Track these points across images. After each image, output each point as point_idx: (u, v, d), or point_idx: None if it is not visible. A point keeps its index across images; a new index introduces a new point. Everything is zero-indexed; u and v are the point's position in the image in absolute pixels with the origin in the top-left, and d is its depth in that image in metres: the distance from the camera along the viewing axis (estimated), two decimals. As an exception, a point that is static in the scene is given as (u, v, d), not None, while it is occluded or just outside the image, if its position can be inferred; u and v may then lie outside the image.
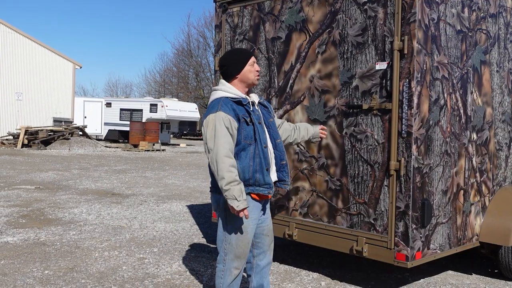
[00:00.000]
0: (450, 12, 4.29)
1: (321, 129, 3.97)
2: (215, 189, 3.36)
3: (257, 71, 3.45)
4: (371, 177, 4.23)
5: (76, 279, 4.67)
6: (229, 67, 3.40)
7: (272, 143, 3.46)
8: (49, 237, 6.24)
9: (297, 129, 3.89)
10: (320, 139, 4.00)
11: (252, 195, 3.35)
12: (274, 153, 3.46)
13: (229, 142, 3.23)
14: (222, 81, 3.45)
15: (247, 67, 3.40)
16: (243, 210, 3.19)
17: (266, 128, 3.45)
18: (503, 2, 4.89)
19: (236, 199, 3.16)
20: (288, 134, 3.87)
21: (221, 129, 3.20)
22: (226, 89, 3.38)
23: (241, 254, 3.39)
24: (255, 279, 3.59)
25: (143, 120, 29.31)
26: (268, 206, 3.58)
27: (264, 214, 3.52)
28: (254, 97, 3.48)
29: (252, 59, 3.44)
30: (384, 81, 4.14)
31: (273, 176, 3.47)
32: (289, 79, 4.85)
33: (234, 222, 3.34)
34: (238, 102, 3.33)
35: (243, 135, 3.29)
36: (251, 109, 3.35)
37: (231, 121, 3.23)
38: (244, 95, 3.39)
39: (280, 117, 4.91)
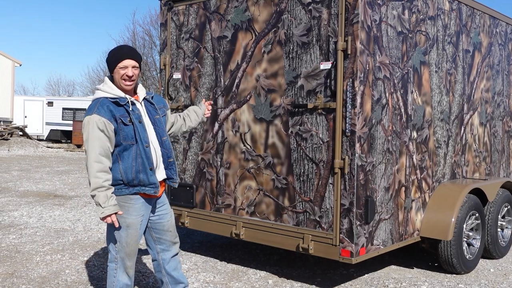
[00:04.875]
0: (392, 13, 4.40)
1: (209, 104, 3.93)
2: None
3: (128, 76, 3.28)
4: (316, 175, 4.29)
5: (16, 285, 4.51)
6: (107, 65, 3.37)
7: (158, 140, 3.43)
8: (-14, 241, 5.99)
9: (186, 116, 3.85)
10: (209, 113, 3.97)
11: (140, 194, 3.35)
12: (161, 151, 3.44)
13: (101, 146, 3.19)
14: (106, 78, 3.38)
15: (116, 69, 3.30)
16: (109, 216, 3.19)
17: (152, 125, 3.41)
18: (441, 5, 5.07)
19: (100, 205, 3.16)
20: (181, 123, 3.84)
21: (93, 132, 3.17)
22: (106, 89, 3.31)
23: (131, 252, 3.41)
24: (165, 273, 3.60)
25: (87, 120, 28.53)
26: (167, 201, 3.59)
27: (161, 209, 3.53)
28: (141, 94, 3.42)
29: (126, 62, 3.28)
30: (328, 81, 4.21)
31: (161, 175, 3.46)
32: (235, 78, 4.85)
33: (122, 221, 3.33)
34: (116, 102, 3.27)
35: (122, 136, 3.26)
36: (130, 109, 3.29)
37: (106, 124, 3.19)
38: (123, 95, 3.31)
39: (227, 116, 4.91)
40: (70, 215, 7.75)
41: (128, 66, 3.29)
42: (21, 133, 24.23)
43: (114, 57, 3.30)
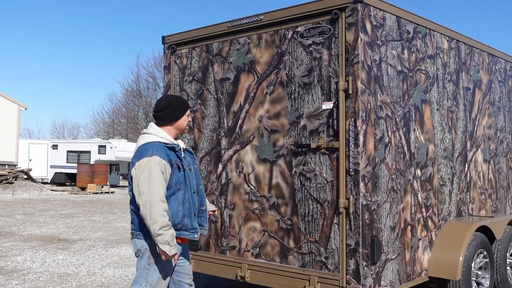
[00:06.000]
0: (391, 53, 4.46)
1: (212, 211, 3.96)
2: (138, 233, 3.38)
3: (190, 121, 3.66)
4: (321, 215, 4.27)
5: (18, 332, 4.43)
6: (170, 113, 3.49)
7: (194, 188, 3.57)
8: (-11, 287, 5.92)
9: None
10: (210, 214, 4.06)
11: (177, 239, 3.39)
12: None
13: (163, 186, 3.28)
14: (153, 125, 3.51)
15: (184, 116, 3.56)
16: (174, 255, 3.25)
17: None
18: (440, 44, 5.14)
19: (168, 244, 3.21)
20: None
21: (156, 174, 3.24)
22: (159, 134, 3.44)
23: None
24: None
25: (91, 162, 28.68)
26: (187, 246, 3.66)
27: (185, 253, 3.60)
28: (181, 144, 3.58)
29: (189, 110, 3.62)
30: (330, 120, 4.23)
31: None
32: (238, 119, 4.89)
33: (158, 265, 3.35)
34: (171, 148, 3.41)
35: (174, 180, 3.36)
36: (182, 156, 3.46)
37: (166, 166, 3.30)
38: (176, 142, 3.48)
39: (230, 157, 4.92)
40: (73, 259, 7.68)
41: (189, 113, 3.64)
42: (25, 176, 24.28)
43: (184, 106, 3.56)
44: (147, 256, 3.35)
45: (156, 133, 3.43)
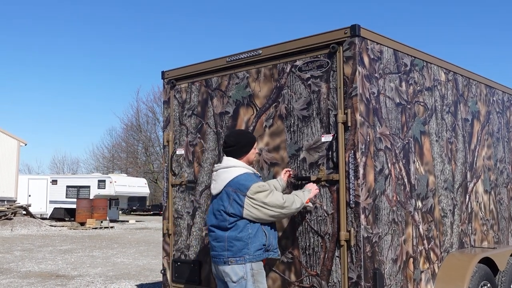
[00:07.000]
0: (389, 86, 4.51)
1: (286, 172, 4.34)
2: (238, 259, 3.61)
3: (257, 153, 3.99)
4: (322, 248, 4.23)
5: None
6: (240, 148, 3.87)
7: None
8: (-14, 326, 5.83)
9: None
10: (286, 177, 4.35)
11: (263, 260, 3.70)
12: None
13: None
14: (231, 159, 3.86)
15: (252, 150, 3.95)
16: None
17: None
18: (438, 76, 5.19)
19: (309, 192, 4.00)
20: None
21: (269, 188, 3.75)
22: (244, 165, 3.83)
23: None
24: None
25: (91, 197, 28.60)
26: None
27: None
28: None
29: (256, 143, 4.01)
30: (330, 153, 4.24)
31: None
32: (238, 152, 4.89)
33: (262, 283, 3.66)
34: (256, 175, 3.86)
35: None
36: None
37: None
38: (257, 172, 3.88)
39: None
40: (72, 295, 7.58)
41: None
42: (24, 212, 24.16)
43: (251, 141, 3.97)
44: (253, 280, 3.59)
45: (241, 165, 3.81)
